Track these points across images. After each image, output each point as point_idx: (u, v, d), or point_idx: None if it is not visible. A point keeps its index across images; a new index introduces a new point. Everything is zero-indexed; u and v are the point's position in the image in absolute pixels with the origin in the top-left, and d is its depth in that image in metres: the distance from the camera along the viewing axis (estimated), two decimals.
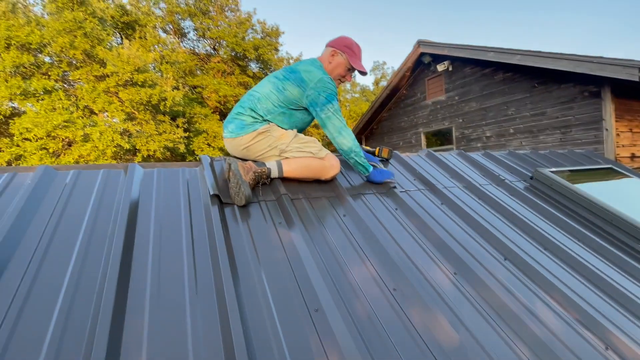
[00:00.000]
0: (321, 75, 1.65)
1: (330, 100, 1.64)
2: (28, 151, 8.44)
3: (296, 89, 1.65)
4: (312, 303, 1.00)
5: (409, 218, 1.56)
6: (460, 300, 1.13)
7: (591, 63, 4.49)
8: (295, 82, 1.66)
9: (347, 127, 1.69)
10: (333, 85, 1.67)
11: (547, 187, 2.17)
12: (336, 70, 1.77)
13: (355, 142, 1.71)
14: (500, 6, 45.73)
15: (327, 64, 1.76)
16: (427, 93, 7.90)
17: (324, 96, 1.63)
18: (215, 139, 12.72)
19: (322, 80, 1.64)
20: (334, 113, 1.65)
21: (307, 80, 1.64)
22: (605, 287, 1.33)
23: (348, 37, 1.79)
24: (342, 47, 1.75)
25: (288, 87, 1.66)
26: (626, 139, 4.92)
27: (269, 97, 1.67)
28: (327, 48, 1.78)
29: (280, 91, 1.67)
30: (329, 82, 1.66)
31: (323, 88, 1.63)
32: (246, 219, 1.35)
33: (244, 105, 1.69)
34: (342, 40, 1.77)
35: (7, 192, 1.27)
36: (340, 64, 1.76)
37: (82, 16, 9.31)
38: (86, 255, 1.05)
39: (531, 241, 1.56)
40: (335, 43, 1.77)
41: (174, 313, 0.91)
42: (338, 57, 1.76)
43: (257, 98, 1.68)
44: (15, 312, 0.85)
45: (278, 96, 1.67)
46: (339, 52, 1.75)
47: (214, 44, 15.47)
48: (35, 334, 0.81)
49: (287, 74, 1.70)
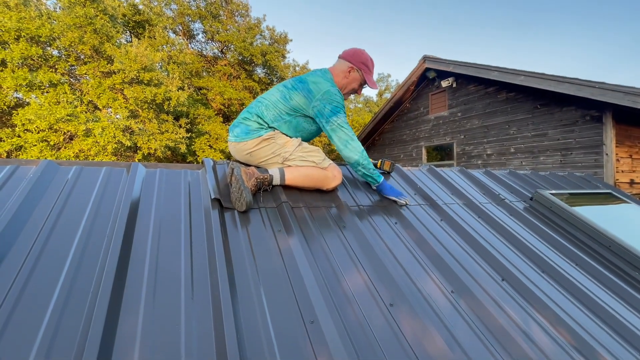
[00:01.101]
0: (328, 87, 1.65)
1: (336, 113, 1.64)
2: (29, 142, 8.43)
3: (303, 99, 1.66)
4: (307, 314, 0.99)
5: (408, 233, 1.56)
6: (457, 319, 1.13)
7: (593, 88, 4.55)
8: (303, 92, 1.67)
9: (354, 140, 1.68)
10: (340, 97, 1.67)
11: (547, 209, 2.17)
12: (350, 85, 1.78)
13: (364, 155, 1.70)
14: (504, 27, 46.45)
15: (341, 77, 1.76)
16: (430, 108, 7.97)
17: (329, 108, 1.63)
18: (217, 141, 12.75)
19: (329, 92, 1.64)
20: (340, 125, 1.64)
21: (314, 91, 1.65)
22: (601, 314, 1.32)
23: (364, 52, 1.78)
24: (359, 63, 1.74)
25: (295, 97, 1.67)
26: (626, 164, 4.95)
27: (276, 105, 1.68)
28: (343, 62, 1.76)
29: (286, 100, 1.68)
30: (336, 94, 1.65)
31: (329, 100, 1.63)
32: (246, 225, 1.35)
33: (251, 111, 1.70)
34: (359, 55, 1.76)
35: (8, 184, 1.27)
36: (356, 79, 1.77)
37: (93, 12, 9.41)
38: (83, 253, 1.04)
39: (529, 263, 1.56)
40: (353, 59, 1.75)
41: (168, 317, 0.90)
42: (355, 73, 1.76)
43: (264, 105, 1.70)
44: (9, 306, 0.84)
45: (284, 104, 1.68)
46: (356, 68, 1.75)
47: (222, 47, 15.63)
48: (27, 331, 0.80)
49: (295, 83, 1.71)
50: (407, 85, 8.15)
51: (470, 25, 45.41)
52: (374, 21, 44.84)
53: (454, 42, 46.19)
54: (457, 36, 46.27)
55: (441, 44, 45.72)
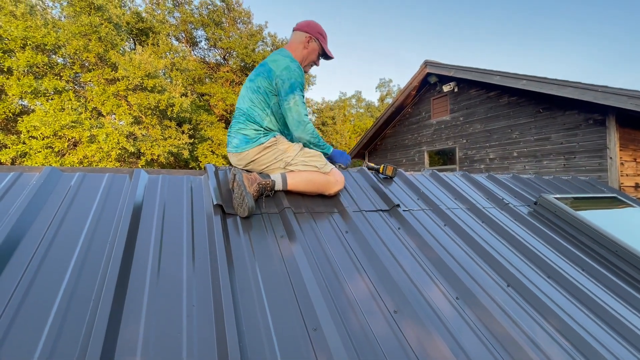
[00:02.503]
0: (287, 63, 1.63)
1: (294, 90, 1.61)
2: (34, 149, 8.51)
3: (267, 81, 1.64)
4: (311, 322, 0.98)
5: (411, 238, 1.54)
6: (462, 326, 1.11)
7: (596, 92, 4.54)
8: (264, 74, 1.65)
9: (306, 121, 1.67)
10: (299, 73, 1.65)
11: (551, 213, 2.15)
12: (310, 56, 1.79)
13: (314, 134, 1.71)
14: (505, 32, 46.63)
15: (300, 49, 1.76)
16: (432, 112, 7.97)
17: (287, 84, 1.60)
18: (219, 147, 12.80)
19: (288, 68, 1.62)
20: (295, 104, 1.62)
21: (273, 69, 1.63)
22: (610, 320, 1.30)
23: (317, 22, 1.80)
24: (316, 33, 1.76)
25: (260, 83, 1.66)
26: (630, 168, 4.91)
27: (253, 101, 1.67)
28: (300, 33, 1.76)
29: (256, 91, 1.66)
30: (295, 70, 1.63)
31: (287, 76, 1.61)
32: (248, 231, 1.34)
33: (240, 120, 1.69)
34: (314, 26, 1.78)
35: (11, 191, 1.27)
36: (315, 49, 1.78)
37: (98, 21, 9.55)
38: (85, 260, 1.04)
39: (535, 268, 1.54)
40: (310, 29, 1.76)
41: (170, 323, 0.90)
42: (313, 43, 1.77)
43: (246, 109, 1.68)
44: (11, 312, 0.84)
45: (258, 97, 1.66)
46: (313, 38, 1.76)
47: (224, 53, 15.77)
48: (29, 337, 0.79)
49: (257, 70, 1.71)
50: (409, 90, 8.17)
51: (471, 30, 45.61)
52: (375, 27, 45.19)
53: (455, 47, 46.40)
54: (458, 41, 46.48)
55: (442, 49, 45.92)
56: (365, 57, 46.79)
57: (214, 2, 14.47)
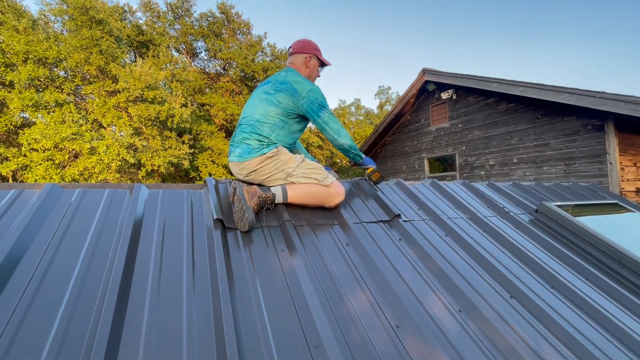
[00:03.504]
0: (311, 86, 1.76)
1: (325, 106, 1.77)
2: (34, 161, 8.54)
3: (290, 99, 1.72)
4: (312, 338, 0.97)
5: (412, 249, 1.54)
6: (465, 340, 1.10)
7: (593, 97, 4.56)
8: (288, 92, 1.73)
9: (343, 128, 1.83)
10: (321, 93, 1.79)
11: (553, 221, 2.14)
12: (314, 72, 1.95)
13: (351, 139, 1.86)
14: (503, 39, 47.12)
15: (304, 69, 1.91)
16: (431, 119, 8.01)
17: (317, 103, 1.74)
18: (219, 156, 12.84)
19: (313, 90, 1.75)
20: (330, 117, 1.78)
21: (299, 90, 1.73)
22: (615, 331, 1.28)
23: (308, 40, 1.94)
24: (311, 50, 1.91)
25: (281, 99, 1.72)
26: (631, 173, 4.91)
27: (268, 114, 1.71)
28: (299, 56, 1.91)
29: (275, 105, 1.72)
30: (318, 91, 1.77)
31: (315, 96, 1.74)
32: (248, 245, 1.34)
33: (246, 130, 1.71)
34: (308, 43, 1.92)
35: (12, 208, 1.28)
36: (315, 66, 1.94)
37: (99, 34, 9.68)
38: (85, 277, 1.04)
39: (538, 278, 1.53)
40: (306, 49, 1.91)
41: (170, 341, 0.89)
42: (313, 60, 1.92)
43: (256, 120, 1.71)
44: (12, 329, 0.84)
45: (275, 110, 1.72)
46: (312, 56, 1.91)
47: (224, 64, 15.94)
48: (31, 354, 0.78)
49: (277, 86, 1.76)
50: (408, 98, 8.22)
51: (469, 37, 46.11)
52: (374, 35, 45.71)
53: (454, 53, 46.85)
54: (456, 48, 46.96)
55: (441, 56, 46.36)
56: (364, 64, 47.25)
57: (214, 14, 14.70)
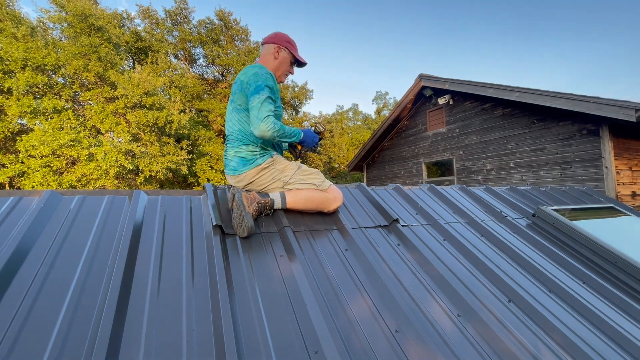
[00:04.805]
0: (256, 70, 1.64)
1: (259, 91, 1.57)
2: (32, 168, 8.51)
3: (242, 95, 1.66)
4: (311, 344, 0.97)
5: (411, 254, 1.54)
6: (464, 345, 1.10)
7: (588, 103, 4.62)
8: (239, 90, 1.67)
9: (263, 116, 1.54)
10: (266, 77, 1.63)
11: (550, 225, 2.16)
12: (283, 65, 1.80)
13: (277, 126, 1.57)
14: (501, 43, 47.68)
15: (271, 60, 1.78)
16: (428, 125, 8.06)
17: (254, 86, 1.59)
18: (217, 162, 12.84)
19: (256, 74, 1.62)
20: (259, 102, 1.56)
21: (243, 80, 1.65)
22: (613, 335, 1.29)
23: (283, 33, 1.82)
24: (283, 42, 1.79)
25: (239, 101, 1.67)
26: (626, 177, 4.95)
27: (241, 122, 1.68)
28: (268, 46, 1.79)
29: (238, 110, 1.68)
30: (263, 75, 1.63)
31: (254, 79, 1.61)
32: (247, 251, 1.34)
33: (234, 145, 1.70)
34: (281, 36, 1.80)
35: (12, 215, 1.28)
36: (285, 58, 1.80)
37: (97, 41, 9.73)
38: (85, 284, 1.04)
39: (536, 283, 1.54)
40: (277, 39, 1.79)
41: (170, 348, 0.89)
42: (283, 52, 1.79)
43: (237, 131, 1.69)
44: (12, 336, 0.84)
45: (243, 114, 1.67)
46: (282, 47, 1.78)
47: (222, 70, 16.02)
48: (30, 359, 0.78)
49: (233, 89, 1.72)
50: (405, 103, 8.28)
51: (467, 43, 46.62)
52: (370, 40, 46.15)
53: (451, 58, 47.32)
54: (453, 53, 47.46)
55: (438, 61, 46.80)
56: (361, 69, 47.60)
57: (212, 21, 14.80)
